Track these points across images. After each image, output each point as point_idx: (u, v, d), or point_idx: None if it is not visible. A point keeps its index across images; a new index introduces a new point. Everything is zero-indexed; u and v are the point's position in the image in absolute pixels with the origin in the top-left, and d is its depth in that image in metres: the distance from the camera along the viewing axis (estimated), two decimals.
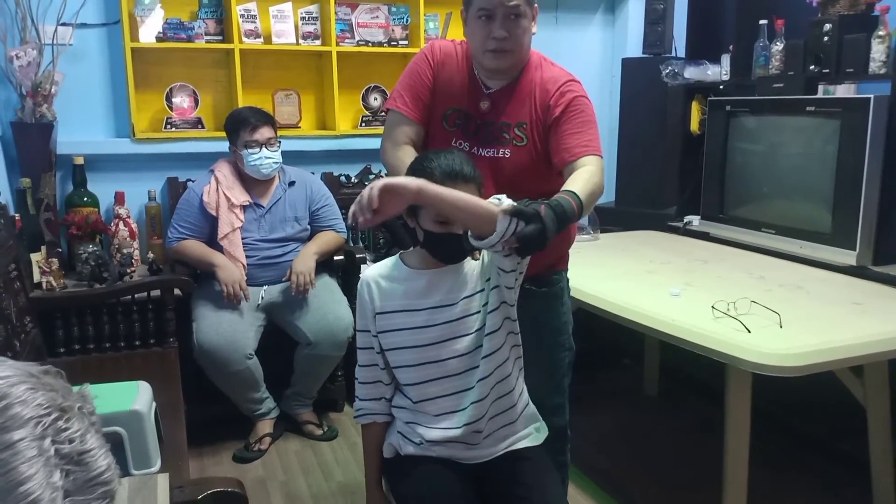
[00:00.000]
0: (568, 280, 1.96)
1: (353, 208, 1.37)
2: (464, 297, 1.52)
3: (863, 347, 1.82)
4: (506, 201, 1.35)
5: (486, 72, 1.75)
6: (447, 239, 1.47)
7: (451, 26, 3.48)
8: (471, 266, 1.55)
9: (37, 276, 2.62)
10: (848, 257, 2.47)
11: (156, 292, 2.62)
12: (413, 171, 1.53)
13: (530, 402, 1.66)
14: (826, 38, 2.65)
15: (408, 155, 1.71)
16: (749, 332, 1.80)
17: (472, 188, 1.47)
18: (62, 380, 0.72)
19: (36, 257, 2.65)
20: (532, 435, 1.63)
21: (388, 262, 1.62)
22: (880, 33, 2.49)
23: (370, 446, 1.66)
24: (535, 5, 1.72)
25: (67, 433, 0.67)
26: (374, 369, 1.60)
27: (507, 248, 1.38)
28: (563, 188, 1.52)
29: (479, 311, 1.51)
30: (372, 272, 1.60)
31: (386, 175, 1.69)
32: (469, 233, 1.39)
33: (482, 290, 1.52)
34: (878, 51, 2.50)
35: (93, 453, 0.68)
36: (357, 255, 3.01)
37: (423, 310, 1.52)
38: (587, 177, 1.58)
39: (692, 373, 3.18)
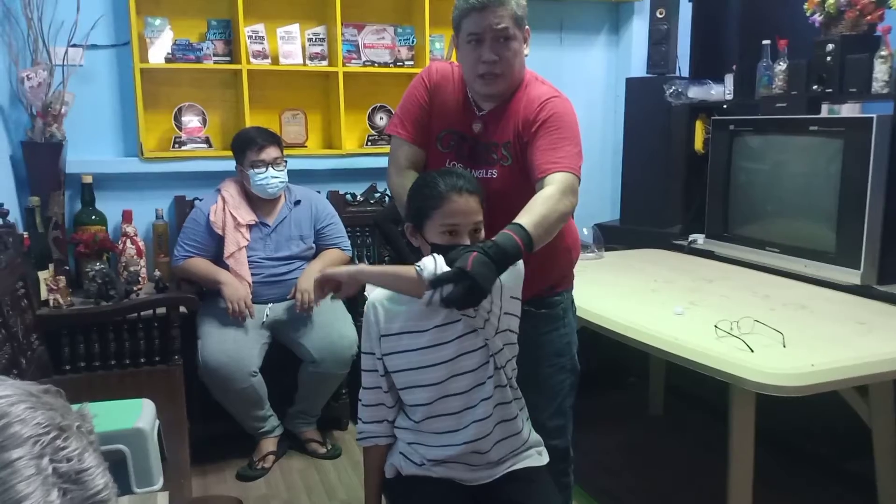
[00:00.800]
0: (573, 300, 1.95)
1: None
2: (459, 324, 1.51)
3: (867, 367, 1.81)
4: (427, 269, 1.35)
5: (481, 97, 1.75)
6: (456, 250, 1.46)
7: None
8: None
9: (44, 294, 2.64)
10: (852, 276, 2.46)
11: (161, 310, 2.64)
12: (417, 189, 1.56)
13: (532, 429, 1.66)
14: (829, 59, 2.66)
15: (409, 179, 1.71)
16: (752, 351, 1.79)
17: (475, 201, 1.49)
18: (62, 398, 0.73)
19: (44, 275, 2.67)
20: (533, 456, 1.63)
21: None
22: (882, 53, 2.51)
23: (371, 468, 1.67)
24: (527, 27, 1.72)
25: (65, 452, 0.67)
26: (378, 392, 1.60)
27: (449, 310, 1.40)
28: (515, 219, 1.46)
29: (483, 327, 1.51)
30: (378, 294, 1.60)
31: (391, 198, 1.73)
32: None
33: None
34: (880, 70, 2.51)
35: (90, 472, 0.69)
36: None
37: (429, 330, 1.52)
38: (545, 200, 1.51)
39: (698, 392, 3.16)
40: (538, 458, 1.64)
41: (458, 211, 1.48)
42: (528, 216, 1.47)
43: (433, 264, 1.36)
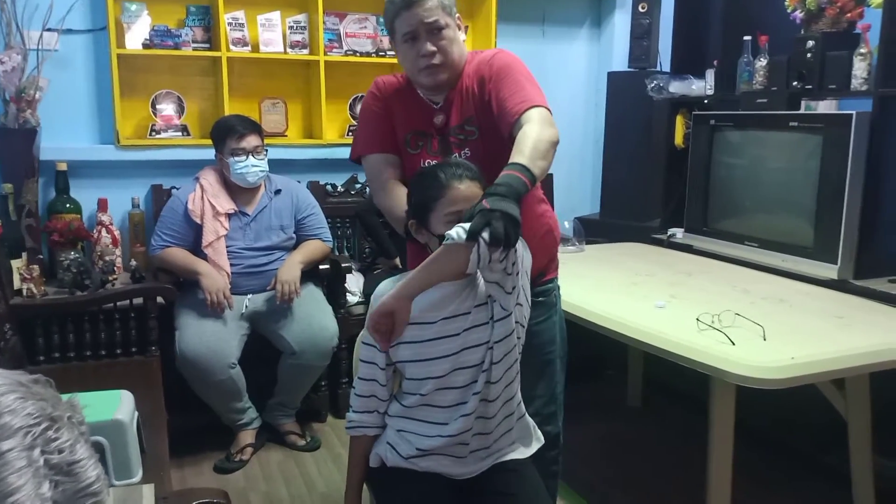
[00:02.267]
0: (559, 288, 1.96)
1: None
2: (476, 306, 1.50)
3: (845, 360, 1.84)
4: (455, 234, 1.33)
5: (428, 90, 1.80)
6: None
7: None
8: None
9: (17, 283, 2.59)
10: (830, 271, 2.49)
11: (138, 300, 2.60)
12: (417, 183, 1.54)
13: (526, 415, 1.66)
14: (809, 55, 2.69)
15: (398, 190, 1.73)
16: (734, 344, 1.81)
17: (476, 186, 1.48)
18: (52, 389, 0.71)
19: (17, 264, 2.62)
20: (519, 449, 1.63)
21: (399, 277, 1.58)
22: (862, 51, 2.54)
23: (356, 456, 1.65)
24: (457, 15, 1.77)
25: (57, 443, 0.66)
26: (373, 384, 1.58)
27: (499, 255, 1.36)
28: (509, 161, 1.46)
29: (487, 322, 1.50)
30: (384, 287, 1.56)
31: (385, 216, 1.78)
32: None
33: (487, 303, 1.50)
34: (859, 68, 2.54)
35: (82, 464, 0.67)
36: (342, 265, 3.00)
37: (436, 322, 1.50)
38: (528, 134, 1.52)
39: (676, 384, 3.19)
40: (523, 450, 1.64)
41: (460, 197, 1.47)
42: (518, 153, 1.48)
43: (456, 230, 1.34)
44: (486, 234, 1.30)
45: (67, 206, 2.94)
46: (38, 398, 0.67)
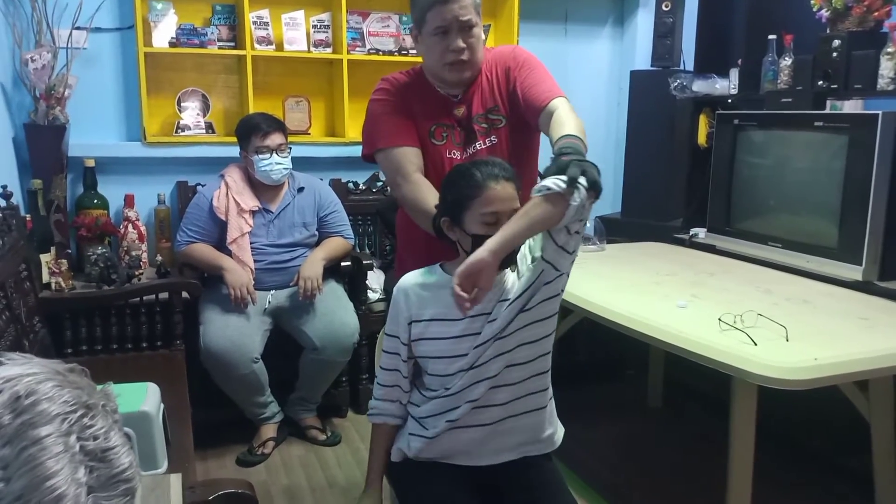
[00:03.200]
0: None
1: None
2: (502, 303, 1.51)
3: (868, 362, 1.82)
4: (551, 182, 1.36)
5: (448, 84, 1.82)
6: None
7: None
8: (509, 274, 1.55)
9: (46, 277, 2.64)
10: (854, 272, 2.47)
11: (164, 295, 2.64)
12: (452, 182, 1.53)
13: (549, 408, 1.66)
14: (835, 54, 2.66)
15: (422, 184, 1.75)
16: (756, 344, 1.80)
17: (511, 187, 1.49)
18: (87, 377, 0.73)
19: (45, 258, 2.67)
20: (542, 443, 1.64)
21: (426, 271, 1.62)
22: (889, 50, 2.51)
23: (377, 444, 1.67)
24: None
25: (92, 430, 0.68)
26: (396, 374, 1.61)
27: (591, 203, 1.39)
28: (558, 135, 1.53)
29: (514, 320, 1.51)
30: (410, 280, 1.60)
31: (408, 209, 1.78)
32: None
33: (519, 297, 1.51)
34: (886, 67, 2.51)
35: (116, 450, 0.69)
36: (364, 262, 3.03)
37: (462, 320, 1.51)
38: (570, 117, 1.62)
39: (696, 385, 3.18)
40: (540, 445, 1.65)
41: (496, 198, 1.47)
42: (564, 127, 1.56)
43: (552, 181, 1.36)
44: (583, 180, 1.35)
45: (95, 201, 2.99)
46: (74, 386, 0.70)
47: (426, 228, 1.69)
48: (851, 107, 2.78)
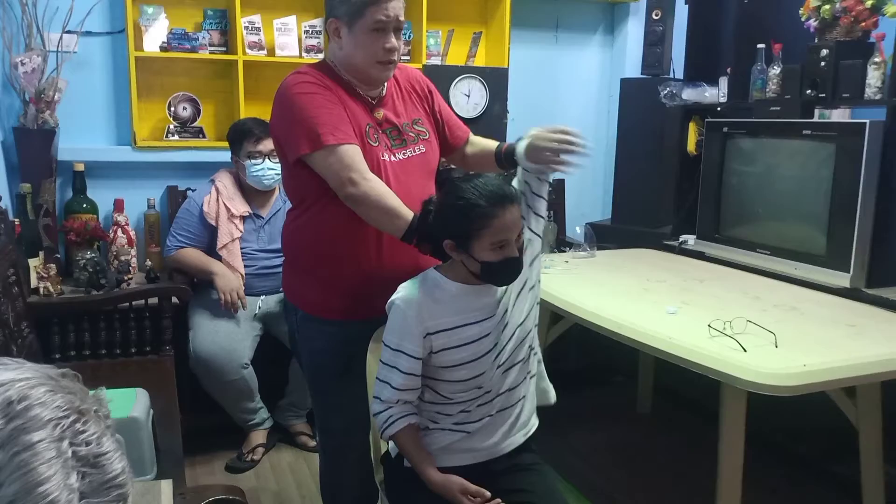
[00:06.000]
0: None
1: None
2: (501, 303, 1.58)
3: (856, 369, 1.83)
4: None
5: (369, 83, 1.77)
6: (507, 263, 1.49)
7: (453, 43, 3.52)
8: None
9: (34, 282, 2.62)
10: (842, 279, 2.49)
11: (153, 300, 2.63)
12: (458, 210, 1.50)
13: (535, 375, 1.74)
14: (823, 64, 2.69)
15: (380, 182, 1.67)
16: (745, 351, 1.81)
17: (517, 210, 1.51)
18: (79, 383, 0.73)
19: (34, 263, 2.65)
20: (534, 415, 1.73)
21: (421, 281, 1.58)
22: (876, 60, 2.53)
23: (410, 445, 1.56)
24: None
25: (84, 436, 0.68)
26: (409, 388, 1.55)
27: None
28: (495, 145, 1.92)
29: (512, 316, 1.59)
30: (413, 292, 1.55)
31: (372, 200, 1.63)
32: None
33: (519, 293, 1.60)
34: (873, 77, 2.54)
35: (108, 456, 0.69)
36: None
37: (477, 322, 1.55)
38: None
39: (686, 391, 3.19)
40: (534, 420, 1.74)
41: (506, 226, 1.48)
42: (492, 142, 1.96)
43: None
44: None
45: (84, 206, 2.97)
46: (66, 391, 0.69)
47: (388, 230, 1.63)
48: (839, 115, 2.81)
